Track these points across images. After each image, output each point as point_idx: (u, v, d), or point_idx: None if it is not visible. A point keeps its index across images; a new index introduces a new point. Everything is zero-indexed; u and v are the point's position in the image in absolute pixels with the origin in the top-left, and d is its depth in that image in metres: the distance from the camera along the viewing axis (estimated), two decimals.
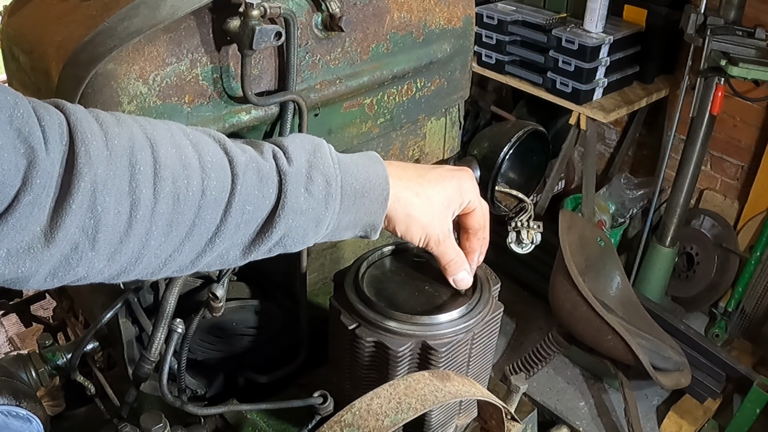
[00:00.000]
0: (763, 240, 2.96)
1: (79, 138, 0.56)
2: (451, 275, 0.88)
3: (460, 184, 0.83)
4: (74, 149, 0.56)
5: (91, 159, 0.56)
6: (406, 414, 0.72)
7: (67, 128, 0.57)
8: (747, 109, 3.00)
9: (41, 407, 1.05)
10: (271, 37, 0.80)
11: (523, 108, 3.72)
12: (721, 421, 2.77)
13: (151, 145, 0.61)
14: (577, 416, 2.90)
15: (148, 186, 0.59)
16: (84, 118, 0.58)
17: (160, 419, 0.93)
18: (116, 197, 0.57)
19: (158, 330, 0.96)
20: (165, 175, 0.60)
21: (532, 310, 3.32)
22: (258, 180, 0.66)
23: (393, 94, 1.08)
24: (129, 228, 0.59)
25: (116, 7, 0.77)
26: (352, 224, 0.74)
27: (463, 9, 1.11)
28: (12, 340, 2.78)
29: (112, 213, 0.57)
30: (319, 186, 0.69)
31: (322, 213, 0.69)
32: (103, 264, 0.59)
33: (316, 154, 0.70)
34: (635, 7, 3.00)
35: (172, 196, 0.60)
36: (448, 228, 0.83)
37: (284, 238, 0.69)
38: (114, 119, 0.61)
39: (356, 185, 0.72)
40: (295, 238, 0.70)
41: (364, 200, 0.73)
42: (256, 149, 0.69)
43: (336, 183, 0.70)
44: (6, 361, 1.11)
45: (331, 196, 0.70)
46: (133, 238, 0.59)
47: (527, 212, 1.11)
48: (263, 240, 0.68)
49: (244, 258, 0.70)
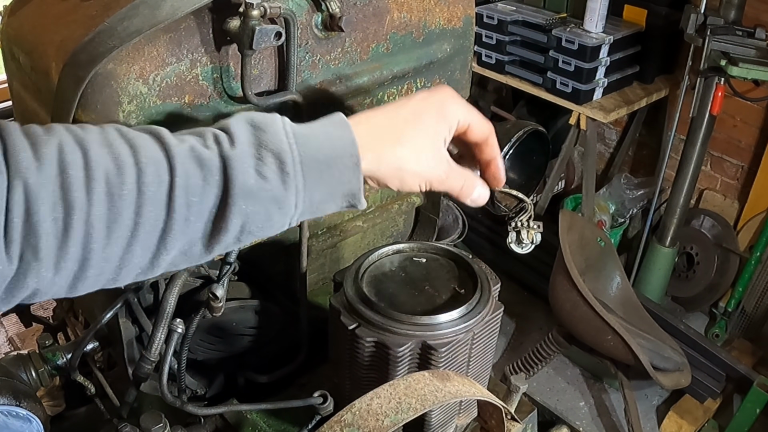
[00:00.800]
0: (763, 240, 2.96)
1: (9, 152, 0.57)
2: (465, 199, 0.81)
3: (441, 110, 0.76)
4: (6, 163, 0.56)
5: (20, 170, 0.56)
6: (406, 414, 0.72)
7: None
8: (747, 109, 3.00)
9: (41, 407, 1.05)
10: (271, 37, 0.80)
11: (523, 108, 3.72)
12: (721, 421, 2.77)
13: (81, 147, 0.60)
14: (577, 416, 2.90)
15: (79, 188, 0.58)
16: (13, 132, 0.59)
17: (160, 419, 0.93)
18: (50, 204, 0.57)
19: (158, 330, 0.96)
20: (97, 175, 0.59)
21: (532, 310, 3.32)
22: (198, 169, 0.62)
23: (393, 94, 1.08)
24: (66, 232, 0.58)
25: (116, 7, 0.77)
26: (328, 197, 0.69)
27: (463, 9, 1.11)
28: (12, 340, 2.78)
29: (48, 220, 0.57)
30: (270, 166, 0.64)
31: (281, 194, 0.65)
32: (52, 273, 0.59)
33: (266, 131, 0.66)
34: (635, 7, 3.00)
35: (107, 196, 0.59)
36: (445, 159, 0.76)
37: (247, 225, 0.65)
38: (43, 129, 0.61)
39: (319, 156, 0.67)
40: (259, 224, 0.66)
41: (333, 170, 0.68)
42: (198, 137, 0.65)
43: (291, 159, 0.65)
44: (6, 361, 1.11)
45: (287, 174, 0.65)
46: (73, 242, 0.59)
47: (527, 212, 1.11)
48: (222, 231, 0.65)
49: (210, 252, 0.67)
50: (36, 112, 0.92)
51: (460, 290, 0.97)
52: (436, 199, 1.30)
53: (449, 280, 0.99)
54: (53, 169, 0.58)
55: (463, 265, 1.01)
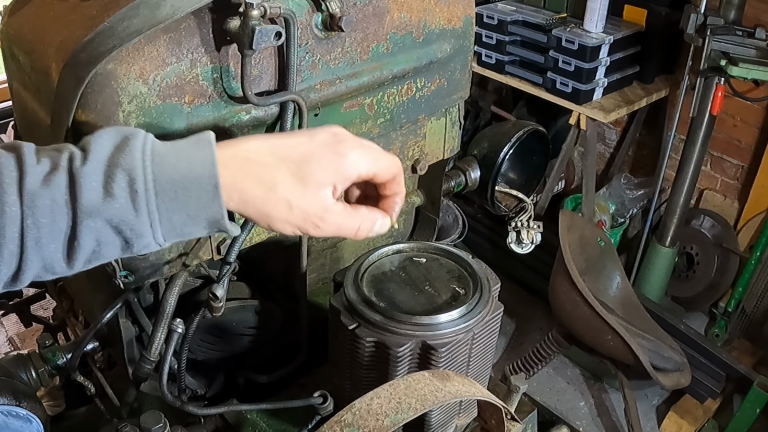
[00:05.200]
0: (763, 240, 2.96)
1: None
2: (364, 237, 0.76)
3: (337, 162, 0.69)
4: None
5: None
6: (406, 414, 0.72)
7: None
8: (747, 109, 3.00)
9: (41, 407, 1.05)
10: (271, 37, 0.80)
11: (523, 108, 3.72)
12: (721, 421, 2.76)
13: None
14: (577, 416, 2.90)
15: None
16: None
17: (160, 419, 0.93)
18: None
19: (158, 330, 0.96)
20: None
21: (532, 310, 3.32)
22: (46, 188, 0.61)
23: (393, 94, 1.08)
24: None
25: (116, 7, 0.77)
26: (188, 221, 0.65)
27: (463, 9, 1.11)
28: (12, 340, 2.78)
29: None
30: (120, 183, 0.61)
31: (131, 215, 0.62)
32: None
33: (122, 148, 0.63)
34: (635, 7, 3.00)
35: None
36: (329, 210, 0.70)
37: (102, 242, 0.63)
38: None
39: (175, 177, 0.63)
40: (114, 242, 0.64)
41: (189, 192, 0.63)
42: (60, 153, 0.63)
43: (143, 179, 0.62)
44: (6, 361, 1.11)
45: (137, 193, 0.62)
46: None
47: (527, 212, 1.11)
48: (77, 248, 0.63)
49: (73, 267, 0.65)
50: (36, 112, 0.92)
51: (460, 290, 0.96)
52: (436, 199, 1.30)
53: (449, 280, 0.99)
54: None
55: (463, 265, 1.01)
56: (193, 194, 0.64)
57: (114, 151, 0.63)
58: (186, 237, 0.67)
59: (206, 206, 0.65)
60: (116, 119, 0.80)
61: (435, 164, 1.24)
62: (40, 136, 0.90)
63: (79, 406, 1.29)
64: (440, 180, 1.27)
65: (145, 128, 0.81)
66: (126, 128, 0.66)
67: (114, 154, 0.63)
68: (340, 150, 0.70)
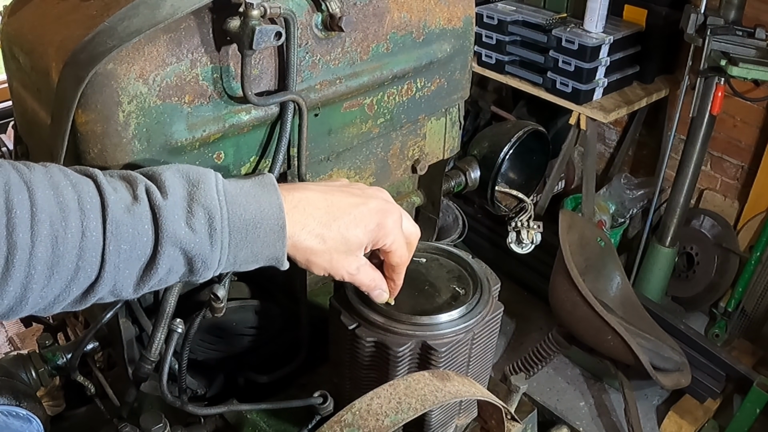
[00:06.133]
0: (763, 240, 2.96)
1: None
2: (367, 293, 0.87)
3: (378, 227, 0.79)
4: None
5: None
6: (406, 414, 0.72)
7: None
8: (747, 109, 3.00)
9: (41, 407, 1.05)
10: (271, 37, 0.80)
11: (523, 108, 3.72)
12: (721, 421, 2.77)
13: (28, 188, 0.61)
14: (577, 416, 2.90)
15: (25, 229, 0.59)
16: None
17: (160, 419, 0.93)
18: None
19: (158, 330, 0.96)
20: (42, 218, 0.60)
21: (532, 310, 3.32)
22: (129, 217, 0.64)
23: (393, 94, 1.08)
24: (7, 272, 0.59)
25: (116, 7, 0.77)
26: (251, 258, 0.72)
27: (463, 9, 1.11)
28: (12, 340, 2.78)
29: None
30: (200, 220, 0.67)
31: (207, 248, 0.67)
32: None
33: (199, 186, 0.68)
34: (635, 7, 3.00)
35: (51, 239, 0.60)
36: (357, 262, 0.80)
37: (173, 270, 0.68)
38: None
39: (246, 216, 0.69)
40: (184, 272, 0.69)
41: (258, 232, 0.70)
42: (130, 185, 0.67)
43: (220, 216, 0.68)
44: (6, 361, 1.11)
45: (215, 230, 0.67)
46: (13, 282, 0.59)
47: (527, 212, 1.11)
48: (150, 276, 0.67)
49: (138, 292, 0.69)
50: (36, 112, 0.92)
51: (460, 290, 0.96)
52: (436, 199, 1.30)
53: (449, 280, 0.99)
54: (0, 206, 0.59)
55: (463, 265, 1.01)
56: (261, 233, 0.70)
57: (191, 189, 0.68)
58: (238, 269, 0.74)
59: (271, 245, 0.72)
60: (116, 119, 0.80)
61: (435, 164, 1.24)
62: (40, 136, 0.90)
63: (79, 406, 1.29)
64: (440, 180, 1.27)
65: (145, 128, 0.82)
66: (193, 167, 0.72)
67: (191, 191, 0.68)
68: (386, 224, 0.79)
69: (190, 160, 0.88)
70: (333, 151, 1.04)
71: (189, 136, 0.86)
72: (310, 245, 0.75)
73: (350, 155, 1.09)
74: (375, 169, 1.14)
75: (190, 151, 0.87)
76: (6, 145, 2.25)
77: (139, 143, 0.82)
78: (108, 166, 0.82)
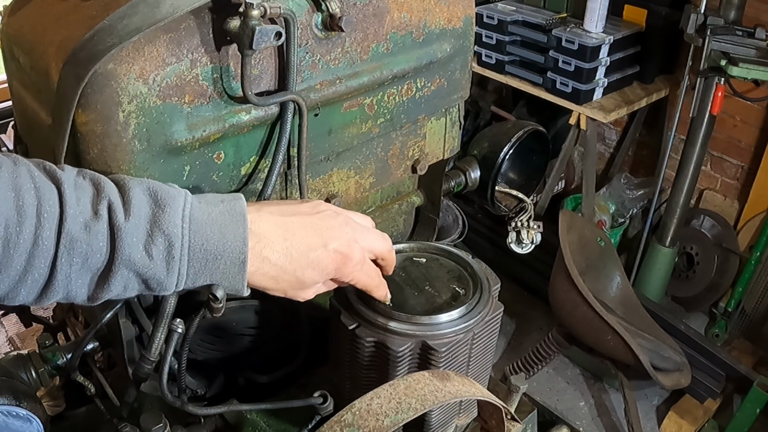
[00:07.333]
0: (763, 240, 2.96)
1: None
2: (374, 293, 0.89)
3: (337, 271, 0.79)
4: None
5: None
6: (406, 414, 0.72)
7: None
8: (747, 109, 3.00)
9: (41, 407, 1.05)
10: (271, 37, 0.80)
11: (523, 108, 3.72)
12: (721, 421, 2.77)
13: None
14: (577, 416, 2.90)
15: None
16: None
17: (160, 419, 0.93)
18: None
19: (158, 330, 0.96)
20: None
21: (532, 310, 3.32)
22: (85, 234, 0.64)
23: (393, 94, 1.08)
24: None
25: (116, 7, 0.77)
26: (210, 285, 0.73)
27: (463, 9, 1.11)
28: (12, 340, 2.78)
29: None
30: (159, 246, 0.66)
31: (162, 274, 0.68)
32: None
33: (165, 209, 0.67)
34: (635, 7, 3.00)
35: (3, 240, 0.61)
36: (313, 292, 0.83)
37: (128, 288, 0.68)
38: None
39: (208, 247, 0.69)
40: (136, 291, 0.69)
41: (218, 263, 0.70)
42: (97, 195, 0.67)
43: (180, 245, 0.67)
44: (6, 361, 1.11)
45: (173, 258, 0.67)
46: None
47: (527, 212, 1.11)
48: (103, 290, 0.67)
49: (94, 301, 0.69)
50: (36, 112, 0.92)
51: (460, 290, 0.96)
52: (436, 199, 1.30)
53: (449, 280, 0.99)
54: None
55: (463, 265, 1.01)
56: (221, 265, 0.70)
57: (156, 211, 0.67)
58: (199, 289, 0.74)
59: (230, 278, 0.72)
60: (116, 119, 0.80)
61: (435, 164, 1.24)
62: (40, 136, 0.90)
63: (79, 406, 1.29)
64: (440, 180, 1.27)
65: (145, 128, 0.82)
66: (163, 185, 0.71)
67: (156, 213, 0.67)
68: (344, 269, 0.80)
69: (190, 160, 0.88)
70: (333, 151, 1.04)
71: (189, 136, 0.86)
72: (263, 285, 0.77)
73: (350, 155, 1.09)
74: (375, 169, 1.14)
75: (190, 151, 0.87)
76: (6, 145, 2.25)
77: (139, 143, 0.82)
78: (108, 165, 0.82)
